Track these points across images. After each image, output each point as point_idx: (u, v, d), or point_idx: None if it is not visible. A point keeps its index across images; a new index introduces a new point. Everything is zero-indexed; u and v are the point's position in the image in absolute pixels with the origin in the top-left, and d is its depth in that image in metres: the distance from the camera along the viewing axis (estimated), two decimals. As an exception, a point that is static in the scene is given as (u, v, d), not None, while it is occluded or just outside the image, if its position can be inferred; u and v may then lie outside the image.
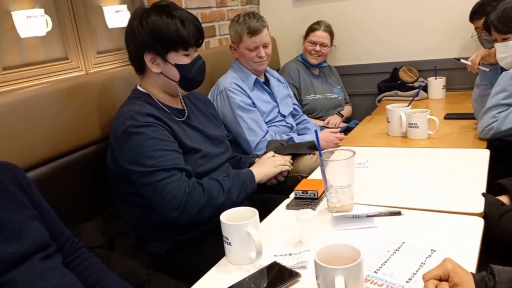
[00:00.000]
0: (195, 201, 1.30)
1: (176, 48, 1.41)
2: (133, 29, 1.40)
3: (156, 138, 1.33)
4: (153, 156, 1.30)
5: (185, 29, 1.39)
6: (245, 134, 2.02)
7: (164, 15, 1.38)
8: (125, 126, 1.32)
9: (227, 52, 2.24)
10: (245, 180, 1.43)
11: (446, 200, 1.26)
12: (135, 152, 1.31)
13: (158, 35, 1.38)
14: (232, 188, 1.38)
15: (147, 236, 1.46)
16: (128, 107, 1.39)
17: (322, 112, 2.71)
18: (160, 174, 1.29)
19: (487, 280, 0.83)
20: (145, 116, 1.35)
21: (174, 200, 1.28)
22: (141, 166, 1.30)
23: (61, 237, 1.11)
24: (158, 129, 1.35)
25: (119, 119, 1.37)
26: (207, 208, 1.31)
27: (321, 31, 2.69)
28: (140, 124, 1.32)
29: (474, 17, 2.35)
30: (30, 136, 1.35)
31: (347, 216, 1.20)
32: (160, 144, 1.33)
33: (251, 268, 1.04)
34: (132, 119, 1.33)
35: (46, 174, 1.39)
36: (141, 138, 1.31)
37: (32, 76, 1.58)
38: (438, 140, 1.81)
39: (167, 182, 1.29)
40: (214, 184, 1.37)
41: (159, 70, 1.44)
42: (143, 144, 1.31)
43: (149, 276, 1.33)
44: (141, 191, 1.34)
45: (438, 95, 2.57)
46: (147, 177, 1.30)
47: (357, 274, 0.83)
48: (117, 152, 1.36)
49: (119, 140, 1.34)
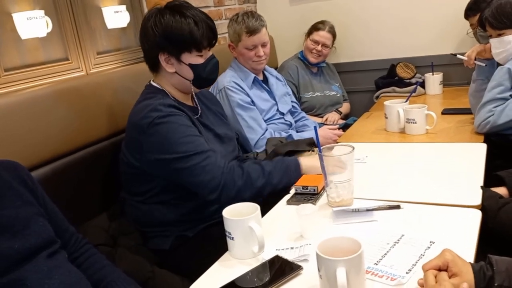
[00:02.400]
0: (234, 182, 1.33)
1: (190, 49, 1.43)
2: (147, 29, 1.42)
3: (184, 125, 1.36)
4: (185, 142, 1.33)
5: (199, 30, 1.40)
6: (245, 132, 2.04)
7: (178, 15, 1.39)
8: (151, 118, 1.34)
9: (226, 51, 2.25)
10: (290, 165, 1.43)
11: (444, 193, 1.28)
12: (166, 141, 1.33)
13: (171, 36, 1.39)
14: (274, 171, 1.39)
15: (151, 233, 1.47)
16: (148, 101, 1.40)
17: (321, 110, 2.72)
18: (196, 158, 1.32)
19: (485, 269, 0.84)
20: (168, 107, 1.37)
21: (213, 182, 1.31)
22: (175, 153, 1.32)
23: (66, 233, 1.12)
24: (183, 117, 1.38)
25: (140, 112, 1.38)
26: (245, 189, 1.33)
27: (325, 31, 2.70)
28: (166, 114, 1.35)
29: (469, 13, 2.37)
30: (31, 136, 1.36)
31: (347, 210, 1.21)
32: (188, 131, 1.36)
33: (254, 262, 1.06)
34: (157, 110, 1.35)
35: (48, 174, 1.40)
36: (169, 127, 1.34)
37: (33, 77, 1.60)
38: (435, 135, 1.83)
39: (204, 165, 1.31)
40: (255, 167, 1.38)
41: (174, 70, 1.45)
42: (173, 132, 1.33)
43: (153, 273, 1.35)
44: (176, 178, 1.36)
45: (435, 91, 2.59)
46: (182, 162, 1.32)
47: (358, 266, 0.85)
48: (145, 145, 1.36)
49: (146, 133, 1.35)
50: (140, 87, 1.54)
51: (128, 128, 1.44)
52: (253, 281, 0.98)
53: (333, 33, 2.73)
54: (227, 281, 0.98)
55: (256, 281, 0.97)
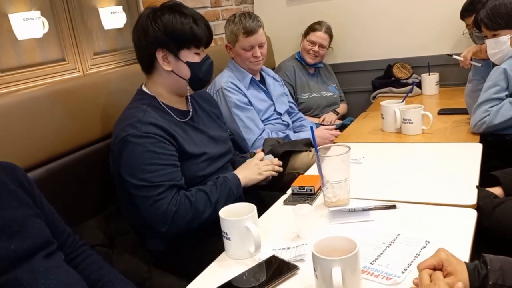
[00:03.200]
0: (182, 217, 1.31)
1: (189, 46, 1.43)
2: (145, 26, 1.41)
3: (153, 151, 1.32)
4: (146, 170, 1.30)
5: (198, 28, 1.42)
6: (242, 132, 2.04)
7: (177, 14, 1.40)
8: (125, 133, 1.33)
9: (223, 52, 2.25)
10: (232, 188, 1.42)
11: (440, 193, 1.29)
12: (130, 162, 1.32)
13: (172, 32, 1.39)
14: (220, 198, 1.38)
15: (147, 234, 1.47)
16: (131, 112, 1.39)
17: (318, 110, 2.73)
18: (151, 190, 1.30)
19: (479, 268, 0.85)
20: (146, 126, 1.34)
21: (162, 217, 1.30)
22: (134, 178, 1.31)
23: (62, 235, 1.12)
24: (157, 141, 1.34)
25: (121, 123, 1.37)
26: (194, 222, 1.33)
27: (322, 32, 2.70)
28: (139, 135, 1.32)
29: (465, 14, 2.38)
30: (28, 137, 1.36)
31: (343, 210, 1.22)
32: (155, 158, 1.32)
33: (250, 262, 1.06)
34: (134, 127, 1.33)
35: (45, 175, 1.39)
36: (138, 149, 1.31)
37: (30, 78, 1.59)
38: (432, 135, 1.84)
39: (157, 200, 1.29)
40: (202, 197, 1.36)
41: (170, 68, 1.44)
42: (139, 156, 1.31)
43: (150, 273, 1.35)
44: (132, 198, 1.35)
45: (432, 91, 2.60)
46: (138, 190, 1.31)
47: (353, 265, 0.86)
48: (114, 156, 1.37)
49: (117, 146, 1.35)
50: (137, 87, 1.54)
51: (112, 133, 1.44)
52: (250, 281, 0.98)
53: (329, 34, 2.74)
54: (224, 281, 0.98)
55: (253, 281, 0.98)
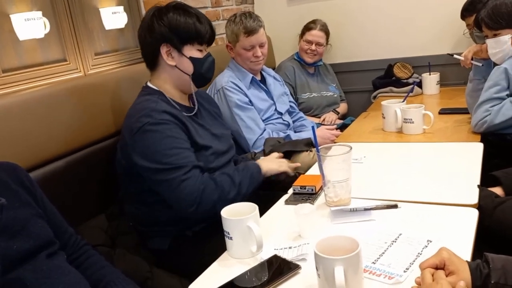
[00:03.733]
0: (209, 197, 1.34)
1: (192, 42, 1.47)
2: (151, 23, 1.46)
3: (172, 136, 1.36)
4: (168, 154, 1.33)
5: (202, 25, 1.47)
6: (243, 132, 2.05)
7: (182, 12, 1.46)
8: (141, 123, 1.35)
9: (223, 52, 2.26)
10: (254, 173, 1.47)
11: (441, 192, 1.29)
12: (150, 149, 1.34)
13: (176, 28, 1.44)
14: (243, 181, 1.42)
15: (150, 233, 1.47)
16: (143, 104, 1.42)
17: (318, 110, 2.73)
18: (175, 172, 1.32)
19: (481, 267, 0.85)
20: (161, 114, 1.37)
21: (189, 197, 1.32)
22: (157, 163, 1.33)
23: (65, 235, 1.12)
24: (173, 127, 1.38)
25: (134, 116, 1.39)
26: (220, 202, 1.34)
27: (317, 30, 2.71)
28: (156, 122, 1.35)
29: (465, 14, 2.38)
30: (29, 137, 1.36)
31: (344, 209, 1.22)
32: (175, 142, 1.36)
33: (252, 261, 1.06)
34: (149, 116, 1.36)
35: (47, 175, 1.40)
36: (157, 136, 1.34)
37: (31, 78, 1.59)
38: (433, 134, 1.84)
39: (182, 179, 1.32)
40: (226, 178, 1.40)
41: (174, 63, 1.48)
42: (159, 142, 1.34)
43: (151, 273, 1.35)
44: (155, 188, 1.37)
45: (432, 91, 2.60)
46: (162, 175, 1.33)
47: (356, 264, 0.86)
48: (131, 148, 1.37)
49: (134, 137, 1.36)
50: (138, 88, 1.54)
51: (122, 128, 1.46)
52: (252, 280, 0.98)
53: (325, 31, 2.74)
54: (226, 280, 0.98)
55: (255, 281, 0.98)
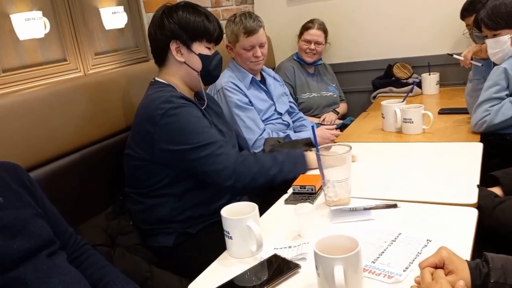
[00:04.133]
0: (248, 169, 1.37)
1: (201, 39, 1.51)
2: (161, 21, 1.50)
3: (196, 116, 1.42)
4: (199, 132, 1.38)
5: (210, 24, 1.52)
6: (243, 132, 2.04)
7: (191, 10, 1.51)
8: (164, 109, 1.38)
9: (223, 52, 2.25)
10: (298, 157, 1.49)
11: (441, 192, 1.29)
12: (180, 132, 1.37)
13: (186, 25, 1.48)
14: (286, 161, 1.44)
15: (154, 230, 1.48)
16: (157, 94, 1.44)
17: (318, 110, 2.73)
18: (210, 147, 1.36)
19: (481, 267, 0.85)
20: (179, 99, 1.42)
21: (227, 170, 1.35)
22: (189, 143, 1.37)
23: (65, 234, 1.13)
24: (195, 109, 1.44)
25: (152, 104, 1.41)
26: (260, 176, 1.37)
27: (315, 29, 2.71)
28: (178, 105, 1.39)
29: (465, 14, 2.38)
30: (30, 137, 1.36)
31: (344, 209, 1.22)
32: (201, 122, 1.41)
33: (252, 261, 1.06)
34: (169, 102, 1.39)
35: (47, 175, 1.40)
36: (182, 118, 1.38)
37: (31, 78, 1.60)
38: (432, 134, 1.84)
39: (218, 154, 1.36)
40: (267, 156, 1.44)
41: (183, 59, 1.52)
42: (186, 123, 1.38)
43: (151, 273, 1.35)
44: (190, 166, 1.40)
45: (432, 91, 2.61)
46: (196, 152, 1.36)
47: (355, 264, 0.86)
48: (157, 136, 1.39)
49: (159, 124, 1.38)
50: (138, 87, 1.55)
51: (137, 121, 1.47)
52: (252, 280, 0.99)
53: (323, 30, 2.74)
54: (226, 280, 0.99)
55: (255, 280, 0.98)
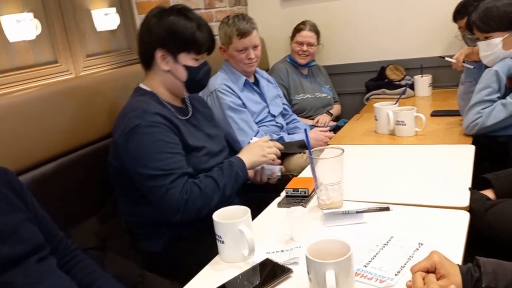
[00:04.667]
0: (193, 205, 1.32)
1: (189, 50, 1.45)
2: (150, 25, 1.44)
3: (162, 140, 1.35)
4: (157, 159, 1.32)
5: (201, 34, 1.44)
6: (236, 134, 2.04)
7: (183, 17, 1.43)
8: (133, 124, 1.34)
9: (217, 54, 2.24)
10: (238, 171, 1.44)
11: (433, 195, 1.29)
12: (140, 152, 1.33)
13: (175, 33, 1.42)
14: (227, 183, 1.40)
15: (144, 235, 1.47)
16: (135, 105, 1.41)
17: (312, 112, 2.74)
18: (163, 179, 1.31)
19: (472, 271, 0.85)
20: (153, 115, 1.36)
21: (174, 206, 1.31)
22: (145, 168, 1.32)
23: (55, 239, 1.11)
24: (164, 130, 1.37)
25: (126, 116, 1.38)
26: (204, 209, 1.34)
27: (307, 30, 2.72)
28: (147, 124, 1.34)
29: (457, 17, 2.40)
30: (21, 140, 1.35)
31: (337, 212, 1.22)
32: (165, 147, 1.34)
33: (244, 265, 1.06)
34: (140, 118, 1.35)
35: (37, 178, 1.39)
36: (147, 139, 1.33)
37: (22, 80, 1.58)
38: (425, 136, 1.85)
39: (168, 188, 1.30)
40: (210, 182, 1.38)
41: (168, 68, 1.46)
42: (149, 145, 1.33)
43: (142, 277, 1.34)
44: (143, 190, 1.36)
45: (425, 93, 2.62)
46: (150, 181, 1.32)
47: (347, 268, 0.86)
48: (121, 149, 1.37)
49: (124, 137, 1.35)
50: (130, 89, 1.54)
51: (113, 129, 1.45)
52: (244, 284, 0.98)
53: (315, 31, 2.75)
54: (218, 284, 0.98)
55: (247, 285, 0.98)
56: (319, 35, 2.78)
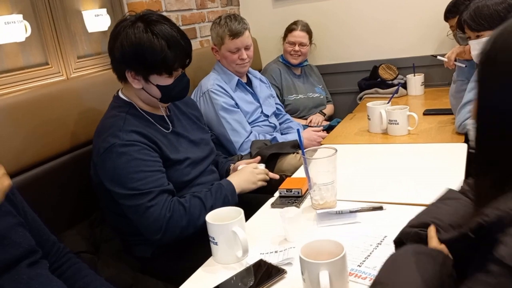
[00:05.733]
0: (177, 223, 1.28)
1: (159, 72, 1.35)
2: (117, 42, 1.33)
3: (139, 159, 1.29)
4: (135, 178, 1.27)
5: (171, 54, 1.32)
6: (229, 135, 2.04)
7: (151, 33, 1.30)
8: (108, 144, 1.29)
9: (209, 54, 2.25)
10: (227, 195, 1.39)
11: (426, 193, 1.29)
12: (117, 172, 1.28)
13: (141, 57, 1.31)
14: (215, 205, 1.33)
15: (133, 241, 1.44)
16: (111, 121, 1.35)
17: (305, 112, 2.74)
18: (141, 198, 1.26)
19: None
20: (128, 133, 1.31)
21: (155, 224, 1.27)
22: (123, 188, 1.28)
23: (47, 243, 1.10)
24: (141, 148, 1.31)
25: (102, 134, 1.33)
26: (189, 228, 1.30)
27: (299, 30, 2.72)
28: (123, 144, 1.28)
29: (449, 16, 2.40)
30: (11, 143, 1.34)
31: (330, 212, 1.22)
32: (142, 165, 1.29)
33: (238, 266, 1.06)
34: (116, 136, 1.29)
35: (28, 181, 1.37)
36: (123, 159, 1.28)
37: (12, 82, 1.57)
38: (417, 135, 1.85)
39: (148, 206, 1.26)
40: (196, 203, 1.33)
41: (140, 86, 1.39)
42: (126, 165, 1.28)
43: (136, 280, 1.33)
44: (123, 209, 1.32)
45: (417, 92, 2.63)
46: (128, 200, 1.28)
47: (341, 268, 0.86)
48: (98, 168, 1.33)
49: (101, 158, 1.30)
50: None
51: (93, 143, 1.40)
52: (238, 286, 0.98)
53: (307, 31, 2.75)
54: (212, 286, 0.98)
55: (241, 286, 0.97)
56: (311, 35, 2.78)
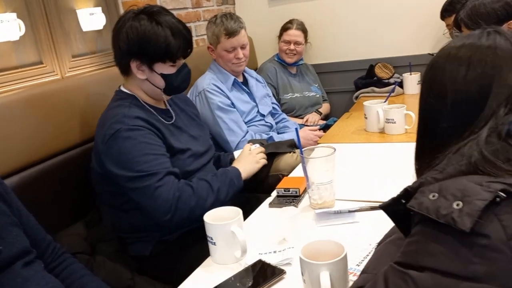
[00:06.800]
0: (185, 203, 1.30)
1: (164, 60, 1.40)
2: (121, 34, 1.38)
3: (145, 142, 1.32)
4: (142, 161, 1.29)
5: (175, 42, 1.37)
6: (225, 134, 2.03)
7: (155, 23, 1.36)
8: (114, 130, 1.31)
9: (205, 53, 2.23)
10: (233, 178, 1.44)
11: (424, 192, 1.29)
12: (123, 157, 1.30)
13: (146, 45, 1.36)
14: (221, 187, 1.38)
15: (131, 239, 1.44)
16: (115, 110, 1.38)
17: (301, 111, 2.73)
18: (149, 179, 1.28)
19: None
20: (133, 119, 1.34)
21: (165, 204, 1.28)
22: (130, 171, 1.29)
23: (43, 243, 1.09)
24: (146, 133, 1.34)
25: (106, 123, 1.35)
26: (197, 209, 1.31)
27: (294, 29, 2.72)
28: (128, 128, 1.31)
29: (445, 14, 2.41)
30: (6, 143, 1.33)
31: (329, 212, 1.21)
32: (148, 149, 1.32)
33: (236, 267, 1.05)
34: (121, 122, 1.32)
35: (23, 181, 1.36)
36: (129, 142, 1.30)
37: (6, 82, 1.55)
38: (414, 134, 1.82)
39: (157, 186, 1.28)
40: (204, 184, 1.36)
41: (145, 76, 1.43)
42: (132, 149, 1.30)
43: (133, 281, 1.32)
44: (130, 195, 1.33)
45: (414, 90, 2.62)
46: (136, 182, 1.29)
47: (342, 269, 0.85)
48: (104, 156, 1.34)
49: (106, 144, 1.32)
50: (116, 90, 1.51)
51: (95, 135, 1.42)
52: (236, 286, 0.97)
53: (303, 30, 2.75)
54: (210, 287, 0.97)
55: (239, 286, 0.97)
56: (306, 34, 2.78)
